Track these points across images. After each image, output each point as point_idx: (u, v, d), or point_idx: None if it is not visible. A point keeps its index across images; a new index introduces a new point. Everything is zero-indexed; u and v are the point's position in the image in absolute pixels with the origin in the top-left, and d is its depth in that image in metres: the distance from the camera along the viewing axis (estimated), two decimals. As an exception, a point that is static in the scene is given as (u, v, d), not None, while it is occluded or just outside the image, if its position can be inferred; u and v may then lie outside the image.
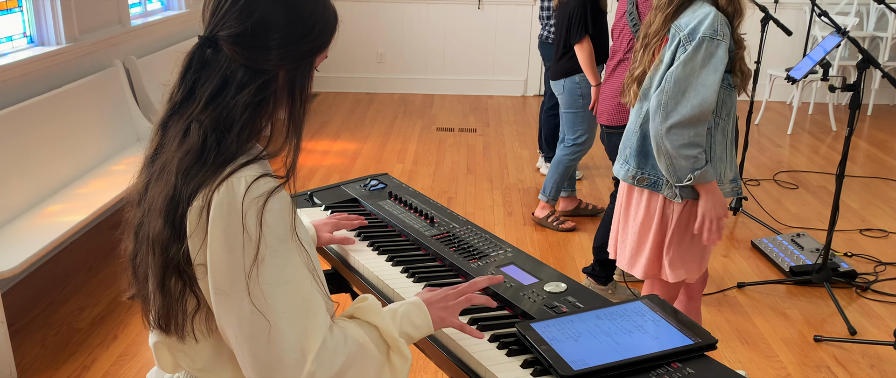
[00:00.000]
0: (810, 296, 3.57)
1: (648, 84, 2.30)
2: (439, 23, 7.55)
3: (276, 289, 1.17)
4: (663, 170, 2.24)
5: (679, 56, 2.17)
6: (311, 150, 5.70)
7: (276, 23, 1.22)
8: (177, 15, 5.43)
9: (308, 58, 1.27)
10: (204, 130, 1.20)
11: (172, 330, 1.27)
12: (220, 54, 1.22)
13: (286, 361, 1.18)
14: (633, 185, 2.38)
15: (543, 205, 4.33)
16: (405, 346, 1.33)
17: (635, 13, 3.14)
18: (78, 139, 3.81)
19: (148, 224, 1.23)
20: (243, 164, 1.20)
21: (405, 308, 1.38)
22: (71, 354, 2.98)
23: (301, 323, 1.19)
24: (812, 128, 6.60)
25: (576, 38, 3.86)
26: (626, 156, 2.40)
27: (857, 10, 6.96)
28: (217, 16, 1.23)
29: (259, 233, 1.15)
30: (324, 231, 1.89)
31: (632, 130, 2.38)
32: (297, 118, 1.26)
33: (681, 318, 1.49)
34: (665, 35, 2.26)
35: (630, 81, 2.38)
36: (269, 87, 1.23)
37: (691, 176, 2.19)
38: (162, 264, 1.21)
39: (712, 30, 2.15)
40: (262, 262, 1.16)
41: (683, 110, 2.14)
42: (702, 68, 2.14)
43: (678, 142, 2.16)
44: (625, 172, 2.39)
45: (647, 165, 2.34)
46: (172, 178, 1.19)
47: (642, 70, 2.33)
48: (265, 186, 1.18)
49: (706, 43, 2.14)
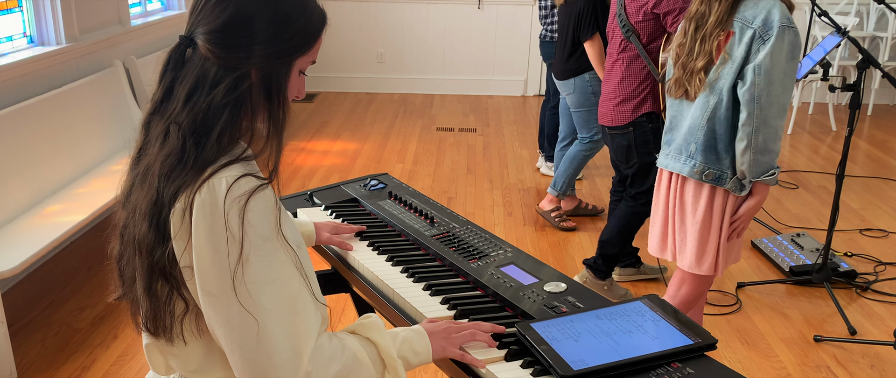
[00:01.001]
0: (810, 296, 3.57)
1: (714, 77, 2.28)
2: (439, 23, 7.55)
3: (263, 287, 1.17)
4: (745, 165, 2.26)
5: (759, 49, 2.19)
6: (311, 150, 5.70)
7: (250, 20, 1.21)
8: (177, 15, 5.43)
9: (284, 58, 1.24)
10: (183, 133, 1.19)
11: (161, 333, 1.26)
12: (197, 53, 1.22)
13: (277, 360, 1.18)
14: (700, 180, 2.36)
15: (551, 198, 4.35)
16: (401, 369, 1.32)
17: (624, 14, 3.14)
18: (78, 139, 3.81)
19: (133, 226, 1.23)
20: (224, 165, 1.19)
21: (407, 333, 1.37)
22: (71, 354, 2.98)
23: (290, 320, 1.19)
24: (812, 128, 6.60)
25: (586, 35, 3.87)
26: (690, 151, 2.36)
27: (857, 10, 6.96)
28: (195, 13, 1.23)
29: (242, 232, 1.15)
30: (324, 230, 1.89)
31: (696, 125, 2.34)
32: (276, 120, 1.24)
33: (681, 318, 1.49)
34: (729, 29, 2.25)
35: (691, 75, 2.33)
36: (241, 85, 1.21)
37: (774, 172, 2.26)
38: (148, 267, 1.21)
39: (786, 18, 2.19)
40: (247, 261, 1.16)
41: (775, 102, 2.19)
42: (789, 58, 2.19)
43: (769, 135, 2.21)
44: (690, 168, 2.37)
45: (714, 160, 2.33)
46: (155, 182, 1.19)
47: (706, 61, 2.29)
48: (247, 185, 1.17)
49: (788, 32, 2.18)
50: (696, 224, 2.39)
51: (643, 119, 3.19)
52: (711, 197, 2.36)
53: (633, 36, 3.12)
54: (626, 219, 3.43)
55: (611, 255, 3.47)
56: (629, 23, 3.12)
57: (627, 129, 3.23)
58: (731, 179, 2.32)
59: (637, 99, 3.17)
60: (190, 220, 1.16)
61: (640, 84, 3.16)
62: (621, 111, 3.22)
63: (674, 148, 2.43)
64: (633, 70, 3.16)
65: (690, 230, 2.41)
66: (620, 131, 3.26)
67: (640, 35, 3.12)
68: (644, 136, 3.22)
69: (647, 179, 3.30)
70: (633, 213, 3.41)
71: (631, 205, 3.42)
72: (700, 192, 2.37)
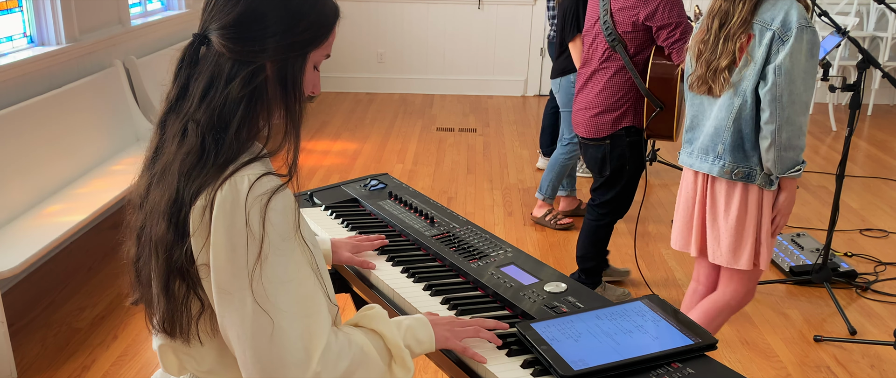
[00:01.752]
0: (810, 296, 3.57)
1: (738, 78, 2.32)
2: (439, 23, 7.55)
3: (280, 287, 1.17)
4: (770, 161, 2.30)
5: (779, 50, 2.23)
6: (311, 150, 5.70)
7: (263, 13, 1.20)
8: (177, 15, 5.43)
9: (299, 50, 1.24)
10: (201, 131, 1.19)
11: (177, 333, 1.26)
12: (211, 49, 1.22)
13: (289, 360, 1.18)
14: (731, 179, 2.39)
15: (541, 204, 4.34)
16: (408, 357, 1.32)
17: (610, 22, 3.02)
18: (78, 139, 3.81)
19: (151, 227, 1.22)
20: (245, 163, 1.19)
21: (410, 321, 1.38)
22: (71, 354, 2.98)
23: (304, 322, 1.19)
24: (812, 128, 6.59)
25: (569, 36, 3.84)
26: (718, 152, 2.40)
27: (857, 10, 6.96)
28: (207, 10, 1.23)
29: (263, 231, 1.15)
30: (343, 249, 1.81)
31: (722, 126, 2.37)
32: (293, 114, 1.24)
33: (681, 318, 1.49)
34: (750, 32, 2.29)
35: (715, 73, 2.36)
36: (256, 78, 1.20)
37: (800, 167, 2.31)
38: (165, 267, 1.21)
39: (805, 18, 2.22)
40: (266, 260, 1.15)
41: (797, 101, 2.23)
42: (809, 57, 2.23)
43: (793, 132, 2.25)
44: (720, 168, 2.40)
45: (742, 159, 2.37)
46: (174, 181, 1.19)
47: (730, 61, 2.33)
48: (269, 184, 1.17)
49: (806, 31, 2.21)
50: (731, 221, 2.42)
51: (622, 132, 3.10)
52: (745, 194, 2.40)
53: (620, 45, 3.01)
54: (593, 233, 3.38)
55: (591, 269, 3.44)
56: (616, 32, 3.01)
57: (604, 142, 3.14)
58: (760, 175, 2.36)
59: (618, 112, 3.08)
60: (210, 217, 1.16)
61: (622, 97, 3.06)
62: (599, 123, 3.12)
63: (697, 147, 2.46)
64: (615, 81, 3.06)
65: (724, 227, 2.45)
66: (596, 143, 3.17)
67: (627, 45, 3.01)
68: (620, 149, 3.13)
69: (611, 191, 3.25)
70: (597, 226, 3.36)
71: (594, 217, 3.36)
72: (733, 190, 2.41)
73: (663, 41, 2.95)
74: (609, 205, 3.30)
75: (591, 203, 3.37)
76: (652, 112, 3.03)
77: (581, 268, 3.46)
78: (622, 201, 3.30)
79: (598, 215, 3.35)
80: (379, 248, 1.87)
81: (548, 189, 4.30)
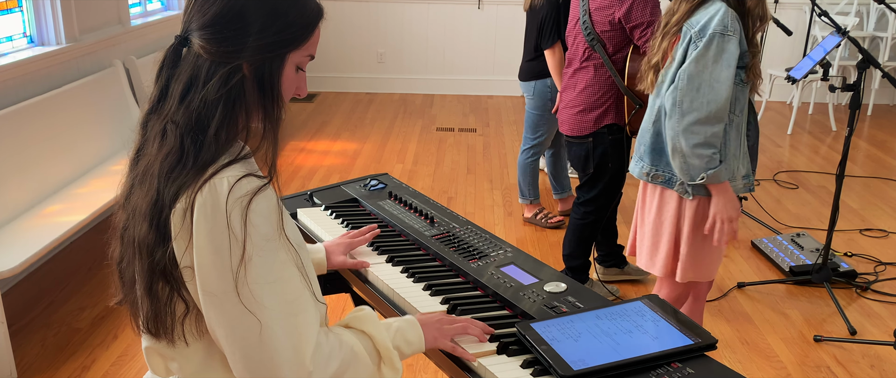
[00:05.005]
0: (810, 296, 3.57)
1: (661, 79, 2.29)
2: (439, 23, 7.55)
3: (265, 287, 1.17)
4: (676, 168, 2.23)
5: (690, 53, 2.17)
6: (311, 150, 5.70)
7: (240, 12, 1.20)
8: (177, 15, 5.43)
9: (277, 51, 1.23)
10: (180, 132, 1.19)
11: (162, 334, 1.26)
12: (191, 51, 1.22)
13: (278, 360, 1.18)
14: (647, 181, 2.37)
15: (527, 206, 4.39)
16: (397, 359, 1.33)
17: (589, 22, 3.08)
18: (78, 139, 3.81)
19: (133, 228, 1.23)
20: (225, 165, 1.19)
21: (400, 323, 1.38)
22: (71, 354, 2.98)
23: (291, 321, 1.19)
24: (812, 128, 6.59)
25: (547, 43, 3.83)
26: (640, 153, 2.38)
27: (857, 10, 6.96)
28: (188, 11, 1.24)
29: (245, 232, 1.15)
30: (337, 253, 1.80)
31: (645, 128, 2.36)
32: (271, 115, 1.23)
33: (681, 318, 1.49)
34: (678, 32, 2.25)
35: (647, 69, 2.35)
36: (232, 79, 1.20)
37: (704, 175, 2.18)
38: (148, 268, 1.21)
39: (722, 25, 2.14)
40: (250, 261, 1.16)
41: (698, 108, 2.14)
42: (714, 64, 2.13)
43: (693, 141, 2.15)
44: (639, 170, 2.38)
45: (660, 162, 2.32)
46: (155, 182, 1.19)
47: (659, 59, 2.30)
48: (249, 186, 1.17)
49: (717, 39, 2.13)
50: (650, 224, 2.40)
51: (604, 130, 3.14)
52: (662, 200, 2.35)
53: (599, 45, 3.06)
54: (578, 231, 3.40)
55: (577, 267, 3.45)
56: (595, 31, 3.06)
57: (586, 140, 3.18)
58: (679, 183, 2.28)
59: (599, 110, 3.12)
60: (191, 220, 1.16)
61: (603, 94, 3.11)
62: (582, 121, 3.17)
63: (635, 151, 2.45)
64: (597, 79, 3.10)
65: (647, 230, 2.42)
66: (579, 141, 3.21)
67: (605, 44, 3.07)
68: (603, 147, 3.17)
69: (595, 189, 3.27)
70: (583, 224, 3.37)
71: (579, 215, 3.38)
72: (653, 194, 2.38)
73: (638, 40, 3.00)
74: (593, 203, 3.32)
75: (576, 201, 3.40)
76: (632, 110, 3.08)
77: (568, 266, 3.47)
78: (606, 199, 3.32)
79: (583, 214, 3.37)
80: (379, 249, 1.87)
81: (527, 191, 4.36)
